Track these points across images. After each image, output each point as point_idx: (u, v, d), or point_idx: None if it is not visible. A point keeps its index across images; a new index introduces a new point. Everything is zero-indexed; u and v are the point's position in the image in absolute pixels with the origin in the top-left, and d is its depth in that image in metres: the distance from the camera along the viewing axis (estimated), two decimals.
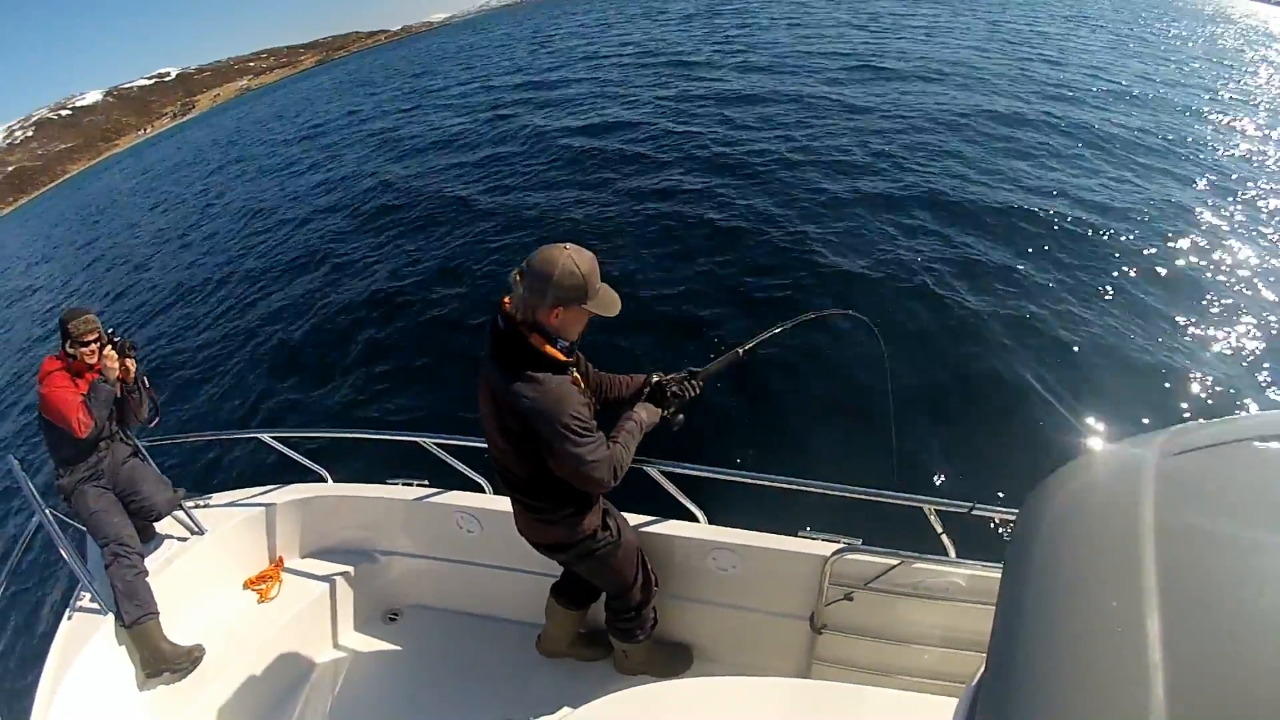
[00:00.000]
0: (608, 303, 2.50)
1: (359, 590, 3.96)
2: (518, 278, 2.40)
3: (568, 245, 2.40)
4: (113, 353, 3.68)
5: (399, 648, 3.84)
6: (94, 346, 3.66)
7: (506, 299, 2.47)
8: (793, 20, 32.05)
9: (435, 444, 3.62)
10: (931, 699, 2.45)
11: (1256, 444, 1.09)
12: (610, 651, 3.49)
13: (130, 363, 3.79)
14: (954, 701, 1.32)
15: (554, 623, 3.50)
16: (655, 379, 2.95)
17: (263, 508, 4.00)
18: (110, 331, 3.75)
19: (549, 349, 2.45)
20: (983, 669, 1.09)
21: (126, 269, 20.30)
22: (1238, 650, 0.82)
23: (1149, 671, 0.81)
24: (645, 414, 2.84)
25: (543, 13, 70.93)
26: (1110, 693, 0.84)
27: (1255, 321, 8.09)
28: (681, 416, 2.94)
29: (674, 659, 3.53)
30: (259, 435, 4.19)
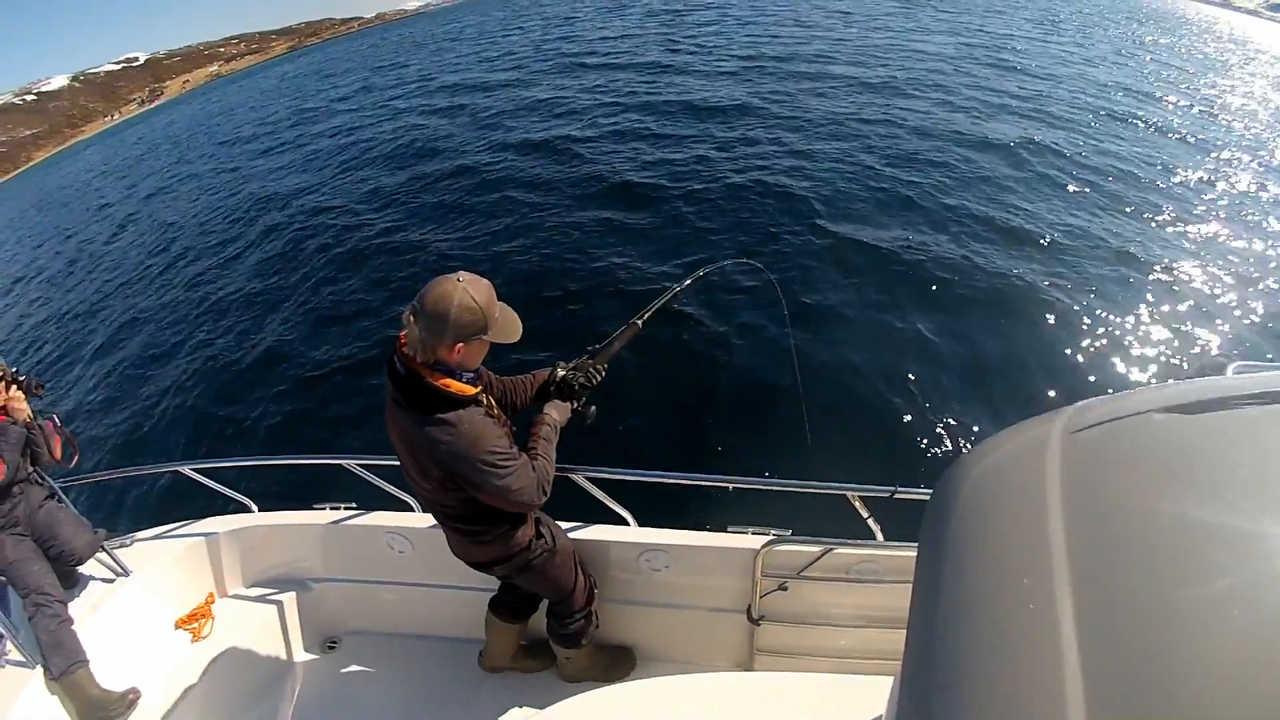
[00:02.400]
0: (509, 329, 2.48)
1: (295, 621, 3.93)
2: (411, 318, 2.34)
3: (461, 276, 2.35)
4: (19, 393, 3.59)
5: (340, 676, 3.81)
6: (0, 387, 3.55)
7: (403, 336, 2.42)
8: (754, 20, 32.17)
9: (359, 465, 3.60)
10: (871, 679, 2.52)
11: (1155, 416, 1.15)
12: (553, 661, 3.52)
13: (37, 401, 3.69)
14: (891, 680, 1.39)
15: (495, 637, 3.51)
16: (560, 373, 2.90)
17: (188, 543, 3.93)
18: (14, 370, 3.65)
19: (454, 385, 2.41)
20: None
21: (57, 281, 20.25)
22: (1146, 616, 0.86)
23: (1061, 641, 0.85)
24: (557, 414, 2.84)
25: (514, 4, 70.15)
26: (1025, 666, 0.88)
27: (1182, 302, 8.66)
28: (594, 408, 2.93)
29: (617, 662, 3.57)
30: (178, 468, 4.10)
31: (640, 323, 3.08)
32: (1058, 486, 1.07)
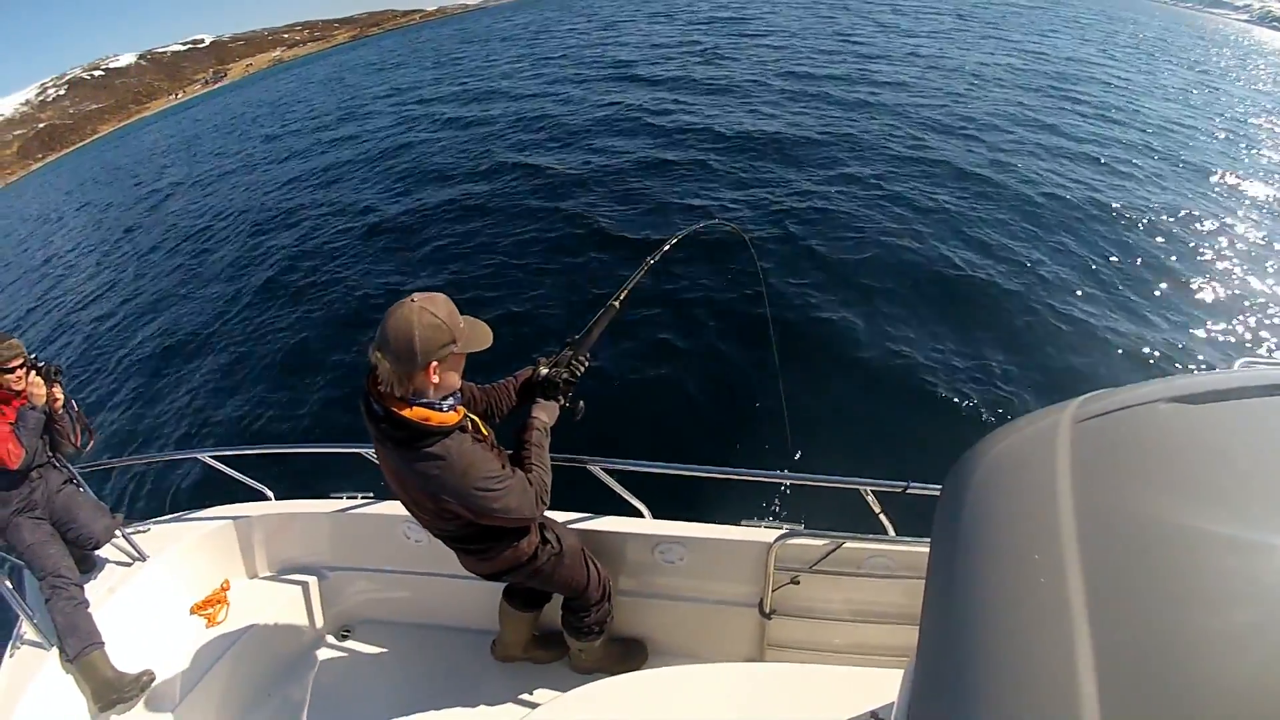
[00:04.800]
0: (478, 337, 2.42)
1: (309, 608, 3.94)
2: (378, 353, 2.27)
3: (414, 298, 2.28)
4: (39, 379, 3.64)
5: (354, 664, 3.83)
6: (19, 373, 3.58)
7: (374, 375, 2.35)
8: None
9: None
10: (880, 672, 2.48)
11: (1161, 406, 1.15)
12: (566, 652, 3.49)
13: (57, 388, 3.74)
14: (901, 673, 1.40)
15: (508, 627, 3.50)
16: (542, 371, 2.82)
17: (205, 530, 3.97)
18: (34, 356, 3.70)
19: (434, 417, 2.34)
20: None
21: (95, 260, 20.69)
22: (1154, 598, 0.87)
23: (1072, 619, 0.86)
24: (545, 415, 2.78)
25: (572, 4, 70.26)
26: (1036, 649, 0.88)
27: (1193, 299, 8.55)
28: (582, 403, 2.85)
29: (629, 654, 3.54)
30: (197, 455, 4.15)
31: (618, 303, 2.98)
32: (1068, 474, 1.08)
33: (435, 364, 2.29)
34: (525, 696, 3.47)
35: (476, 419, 2.64)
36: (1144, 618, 0.85)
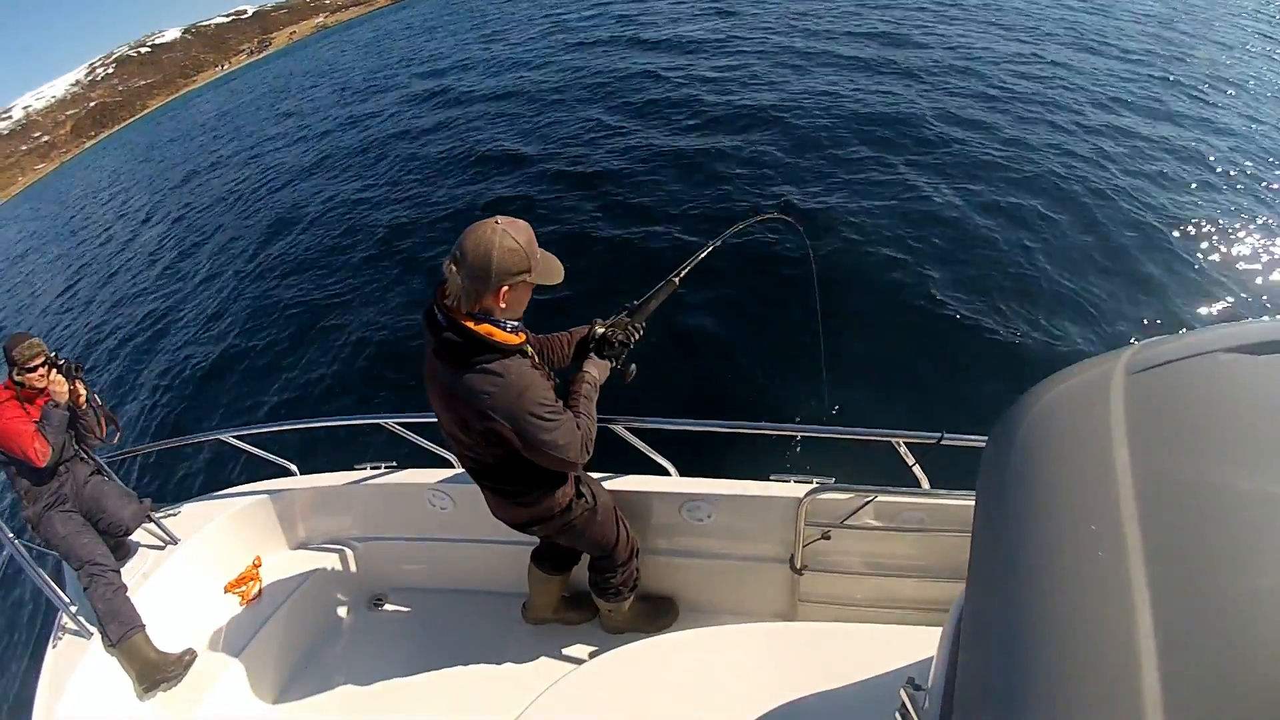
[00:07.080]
0: (551, 270, 2.43)
1: (341, 580, 4.02)
2: (452, 266, 2.28)
3: (498, 220, 2.29)
4: (60, 376, 3.70)
5: (388, 631, 3.90)
6: (41, 371, 3.66)
7: (442, 288, 2.37)
8: None
9: (397, 424, 3.68)
10: (917, 630, 2.46)
11: (1221, 356, 1.09)
12: (596, 613, 3.53)
13: (79, 384, 3.81)
14: (939, 631, 1.37)
15: (537, 590, 3.54)
16: (599, 330, 2.83)
17: (234, 509, 4.03)
18: (54, 354, 3.76)
19: (498, 334, 2.35)
20: (963, 597, 1.11)
21: (127, 246, 21.08)
22: (1214, 552, 0.84)
23: (1131, 582, 0.82)
24: (596, 371, 2.78)
25: None
26: (1095, 612, 0.84)
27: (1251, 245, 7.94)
28: (634, 366, 2.87)
29: (660, 613, 3.57)
30: (220, 436, 4.21)
31: (678, 280, 3.01)
32: (1123, 428, 1.03)
33: (506, 288, 2.31)
34: (558, 658, 3.52)
35: (533, 352, 2.63)
36: (1206, 582, 0.82)
